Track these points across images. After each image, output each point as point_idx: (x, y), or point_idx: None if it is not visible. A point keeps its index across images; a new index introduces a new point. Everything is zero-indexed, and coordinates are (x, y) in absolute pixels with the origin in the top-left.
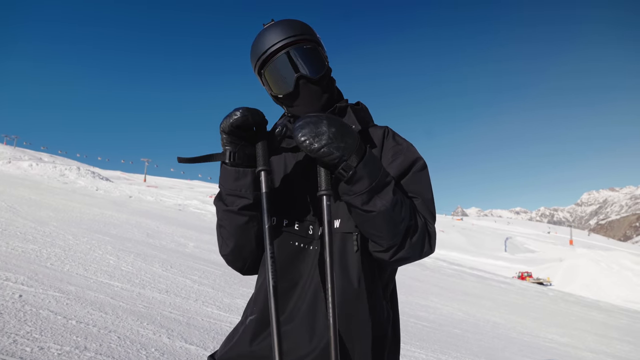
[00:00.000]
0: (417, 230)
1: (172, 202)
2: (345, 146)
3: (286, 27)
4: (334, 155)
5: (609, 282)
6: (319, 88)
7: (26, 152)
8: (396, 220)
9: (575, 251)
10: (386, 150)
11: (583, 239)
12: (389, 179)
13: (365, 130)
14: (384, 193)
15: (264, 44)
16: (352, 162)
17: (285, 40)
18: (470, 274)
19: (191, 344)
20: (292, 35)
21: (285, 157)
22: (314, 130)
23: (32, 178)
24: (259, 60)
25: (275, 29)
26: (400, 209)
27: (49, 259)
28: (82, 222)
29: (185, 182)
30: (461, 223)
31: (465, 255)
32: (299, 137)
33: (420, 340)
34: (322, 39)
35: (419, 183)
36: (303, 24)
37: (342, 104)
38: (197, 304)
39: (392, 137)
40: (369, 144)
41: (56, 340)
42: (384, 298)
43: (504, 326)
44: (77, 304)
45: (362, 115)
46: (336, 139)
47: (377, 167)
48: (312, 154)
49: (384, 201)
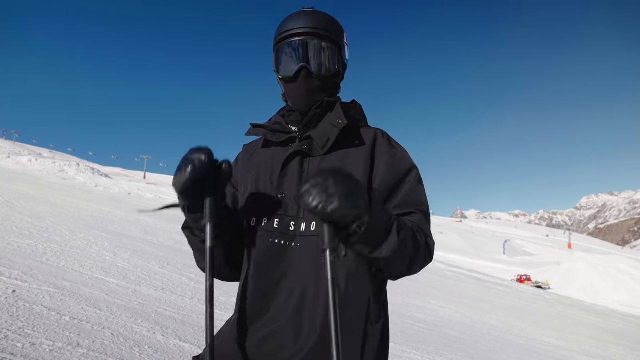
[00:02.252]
0: (419, 253)
1: (171, 200)
2: (358, 206)
3: (317, 19)
4: (349, 218)
5: (606, 286)
6: (318, 85)
7: (25, 147)
8: (403, 257)
9: (574, 255)
10: (380, 154)
11: (582, 242)
12: (392, 221)
13: (355, 127)
14: (390, 238)
15: (290, 24)
16: (365, 219)
17: (309, 29)
18: (469, 277)
19: (185, 342)
20: (318, 28)
21: (274, 152)
22: (324, 194)
23: (31, 173)
24: (279, 35)
25: (307, 15)
26: (405, 247)
27: (44, 255)
28: (80, 218)
29: None
30: (461, 225)
31: (463, 258)
32: (310, 202)
33: (416, 341)
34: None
35: (416, 195)
36: (335, 23)
37: (330, 99)
38: (193, 302)
39: (388, 141)
40: (358, 141)
41: (48, 337)
42: (377, 302)
43: (500, 329)
44: (72, 300)
45: (353, 113)
46: (348, 200)
47: (383, 216)
48: (326, 218)
49: (391, 246)
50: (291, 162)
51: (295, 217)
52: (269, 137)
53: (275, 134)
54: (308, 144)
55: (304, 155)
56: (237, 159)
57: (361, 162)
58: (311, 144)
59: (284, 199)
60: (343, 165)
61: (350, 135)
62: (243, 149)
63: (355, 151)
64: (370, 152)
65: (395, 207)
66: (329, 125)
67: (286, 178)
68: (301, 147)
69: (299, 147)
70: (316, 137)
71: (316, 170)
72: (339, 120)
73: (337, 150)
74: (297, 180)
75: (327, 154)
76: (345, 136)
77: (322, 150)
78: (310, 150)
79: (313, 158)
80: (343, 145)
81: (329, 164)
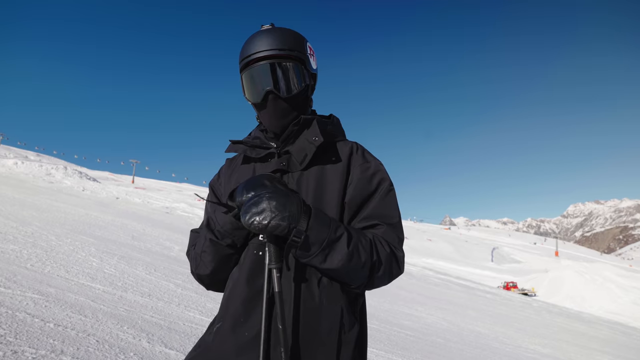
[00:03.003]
0: (382, 263)
1: (159, 205)
2: (290, 215)
3: (276, 38)
4: (282, 227)
5: (592, 293)
6: (288, 105)
7: (11, 150)
8: (357, 268)
9: (561, 263)
10: (354, 167)
11: (569, 250)
12: (339, 232)
13: (331, 143)
14: (339, 248)
15: (250, 48)
16: (302, 227)
17: (269, 51)
18: (456, 284)
19: (171, 349)
20: (278, 49)
21: (254, 168)
22: (257, 210)
23: (16, 177)
24: (242, 61)
25: (266, 36)
26: (358, 257)
27: (29, 260)
28: (66, 222)
29: (174, 185)
30: (449, 232)
31: (452, 265)
32: (247, 221)
33: (402, 349)
34: (318, 45)
35: (385, 207)
36: (296, 37)
37: (307, 116)
38: (180, 309)
39: (362, 154)
40: (334, 157)
41: (31, 344)
42: (352, 312)
43: (487, 336)
44: (56, 307)
45: (330, 128)
46: (279, 211)
47: (326, 223)
48: (263, 232)
49: (340, 256)
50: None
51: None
52: (249, 153)
53: (254, 149)
54: (287, 160)
55: (283, 172)
56: (219, 172)
57: (337, 178)
58: (290, 159)
59: None
60: (320, 182)
61: (327, 151)
62: (226, 162)
63: (332, 167)
64: (345, 167)
65: (362, 220)
66: (306, 142)
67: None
68: (280, 164)
69: (278, 164)
70: (294, 153)
71: (295, 186)
72: (316, 137)
73: (315, 165)
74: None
75: (305, 169)
76: (322, 152)
77: (300, 166)
78: (288, 166)
79: (292, 173)
80: (320, 161)
81: (307, 180)
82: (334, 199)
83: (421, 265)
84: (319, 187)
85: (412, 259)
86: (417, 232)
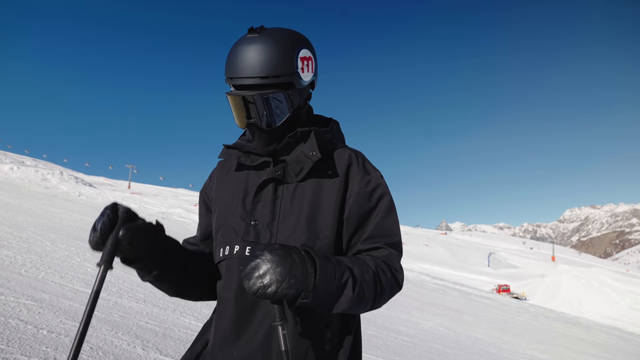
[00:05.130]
0: (385, 292)
1: (155, 210)
2: (297, 280)
3: (260, 59)
4: (290, 294)
5: (589, 298)
6: (272, 135)
7: (7, 155)
8: (361, 306)
9: (557, 267)
10: (353, 180)
11: (565, 255)
12: (345, 278)
13: (329, 152)
14: (345, 294)
15: (233, 69)
16: (309, 286)
17: (251, 79)
18: (453, 289)
19: (166, 356)
20: (260, 76)
21: (247, 175)
22: (261, 279)
23: (12, 182)
24: (226, 78)
25: (250, 56)
26: (363, 296)
27: (23, 266)
28: (62, 228)
29: (170, 190)
30: (445, 237)
31: (448, 270)
32: (250, 288)
33: (399, 355)
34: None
35: (386, 226)
36: (285, 51)
37: (304, 130)
38: (175, 315)
39: (362, 165)
40: (331, 170)
41: (24, 352)
42: (347, 331)
43: (484, 342)
44: (50, 313)
45: (329, 137)
46: (287, 278)
47: (332, 273)
48: (271, 299)
49: (346, 301)
50: (265, 188)
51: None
52: (242, 160)
53: (249, 156)
54: (282, 169)
55: (278, 182)
56: (211, 175)
57: (334, 191)
58: (285, 169)
59: (256, 226)
60: (317, 195)
61: (325, 160)
62: (218, 165)
63: (329, 180)
64: (343, 180)
65: (364, 241)
66: (302, 155)
67: (259, 204)
68: (275, 172)
69: (273, 172)
70: (290, 163)
71: (290, 198)
72: (313, 152)
73: (312, 176)
74: (270, 207)
75: (301, 181)
76: (319, 160)
77: (296, 178)
78: (284, 176)
79: (287, 185)
80: (317, 172)
81: (303, 192)
82: (330, 213)
83: (418, 270)
84: (316, 200)
85: (409, 264)
86: (414, 237)
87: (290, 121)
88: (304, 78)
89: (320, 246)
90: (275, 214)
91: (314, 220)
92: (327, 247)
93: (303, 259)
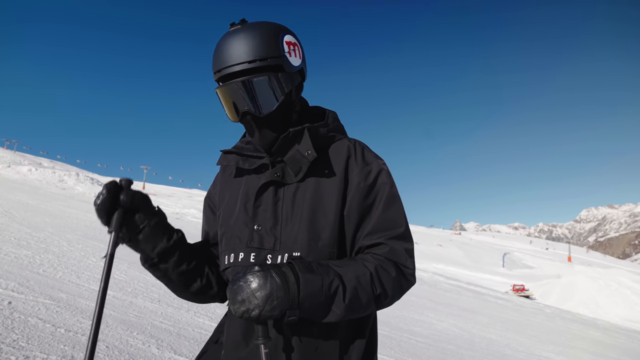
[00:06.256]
0: (387, 292)
1: (170, 211)
2: (280, 302)
3: (245, 46)
4: (275, 314)
5: (607, 300)
6: (270, 122)
7: (26, 157)
8: (359, 310)
9: (574, 268)
10: (352, 172)
11: (582, 255)
12: (334, 287)
13: (326, 147)
14: (336, 303)
15: (219, 61)
16: (294, 304)
17: (238, 65)
18: (467, 289)
19: (180, 355)
20: (248, 61)
21: (247, 178)
22: (244, 304)
23: (30, 183)
24: (213, 74)
25: (234, 45)
26: (358, 301)
27: (41, 266)
28: (78, 228)
29: (185, 191)
30: (459, 238)
31: (462, 270)
32: (235, 312)
33: (413, 355)
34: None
35: (390, 217)
36: (269, 36)
37: (296, 129)
38: (189, 315)
39: (361, 156)
40: (328, 169)
41: (43, 349)
42: (359, 331)
43: (499, 343)
44: (67, 312)
45: (324, 131)
46: (269, 301)
47: (317, 285)
48: (256, 322)
49: (339, 310)
50: (265, 191)
51: (272, 250)
52: (241, 164)
53: (247, 160)
54: (281, 170)
55: (278, 184)
56: (215, 180)
57: (334, 189)
58: (284, 169)
59: (259, 231)
60: (317, 194)
61: (322, 156)
62: (220, 170)
63: (328, 174)
64: (343, 174)
65: (366, 236)
66: (298, 154)
67: (261, 208)
68: (274, 174)
69: (272, 175)
70: (288, 163)
71: (292, 199)
72: (308, 151)
73: (311, 174)
74: (271, 211)
75: (301, 181)
76: (317, 158)
77: (296, 178)
78: (283, 177)
79: (288, 186)
80: (316, 170)
81: (303, 192)
82: (331, 212)
83: (431, 270)
84: (316, 199)
85: (423, 264)
86: (428, 237)
87: (284, 107)
88: (292, 62)
89: (322, 246)
90: (277, 217)
91: (315, 220)
92: (329, 247)
93: (284, 277)
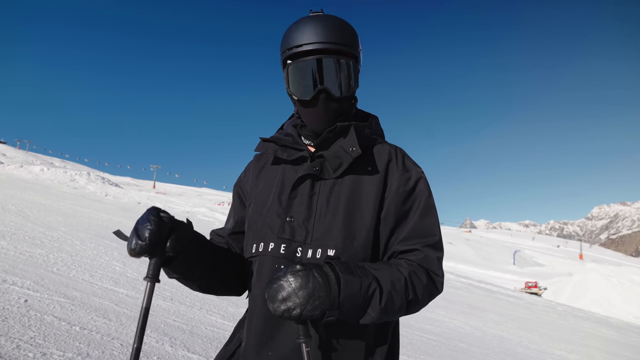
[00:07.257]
0: (418, 298)
1: (180, 210)
2: (321, 302)
3: (330, 29)
4: (316, 314)
5: (620, 298)
6: (338, 106)
7: (38, 157)
8: (391, 314)
9: (585, 266)
10: (392, 177)
11: (594, 253)
12: (372, 290)
13: (368, 148)
14: (372, 305)
15: (299, 37)
16: (334, 304)
17: (323, 44)
18: (478, 287)
19: (193, 353)
20: (333, 42)
21: (284, 169)
22: (285, 303)
23: (42, 182)
24: (289, 51)
25: (319, 25)
26: (392, 305)
27: (55, 264)
28: (90, 227)
29: (195, 190)
30: (470, 235)
31: (473, 268)
32: (274, 311)
33: (425, 353)
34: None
35: (425, 225)
36: (350, 30)
37: (343, 124)
38: (202, 313)
39: (402, 162)
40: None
41: (59, 347)
42: (383, 333)
43: (510, 341)
44: (82, 310)
45: (368, 132)
46: (310, 300)
47: (357, 287)
48: (296, 321)
49: (374, 312)
50: (302, 184)
51: (303, 243)
52: (279, 154)
53: (286, 150)
54: (320, 165)
55: (315, 178)
56: (247, 168)
57: (373, 188)
58: (323, 164)
59: (292, 223)
60: (355, 193)
61: (364, 156)
62: (254, 158)
63: (368, 178)
64: (383, 176)
65: (401, 242)
66: (341, 150)
67: (296, 200)
68: (312, 168)
69: (310, 168)
70: (328, 158)
71: (327, 195)
72: (353, 147)
73: (349, 173)
74: (306, 204)
75: (339, 177)
76: (358, 158)
77: (335, 174)
78: (321, 172)
79: (325, 181)
80: (355, 169)
81: (340, 189)
82: (368, 213)
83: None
84: (353, 198)
85: None
86: None
87: (349, 99)
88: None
89: (357, 246)
90: (311, 210)
91: (351, 219)
92: (364, 248)
93: (326, 277)
